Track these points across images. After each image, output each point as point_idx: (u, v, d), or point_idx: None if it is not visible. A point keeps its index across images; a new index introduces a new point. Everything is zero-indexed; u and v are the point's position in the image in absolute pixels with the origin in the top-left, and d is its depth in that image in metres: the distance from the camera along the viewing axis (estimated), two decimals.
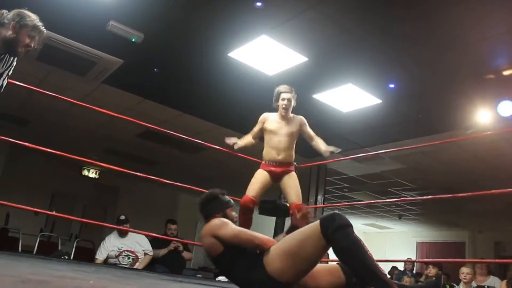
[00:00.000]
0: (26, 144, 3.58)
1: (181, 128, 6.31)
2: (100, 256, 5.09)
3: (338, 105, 5.71)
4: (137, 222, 5.58)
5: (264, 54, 4.68)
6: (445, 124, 5.73)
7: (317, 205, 8.86)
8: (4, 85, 2.82)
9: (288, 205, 3.87)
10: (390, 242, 14.65)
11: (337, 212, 2.13)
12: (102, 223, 5.01)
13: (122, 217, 5.33)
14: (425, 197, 8.83)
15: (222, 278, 5.01)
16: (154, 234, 5.00)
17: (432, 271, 6.08)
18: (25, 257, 3.25)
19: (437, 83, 4.93)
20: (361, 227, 14.78)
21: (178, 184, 4.58)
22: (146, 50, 4.80)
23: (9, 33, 2.65)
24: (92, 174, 10.66)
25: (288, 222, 4.17)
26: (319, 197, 8.99)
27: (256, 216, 3.95)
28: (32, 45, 2.73)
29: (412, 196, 10.00)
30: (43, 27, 2.74)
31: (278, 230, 5.40)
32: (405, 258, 12.90)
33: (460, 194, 3.77)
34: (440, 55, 4.37)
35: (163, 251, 5.41)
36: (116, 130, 7.51)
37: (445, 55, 4.36)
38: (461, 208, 9.98)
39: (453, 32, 3.99)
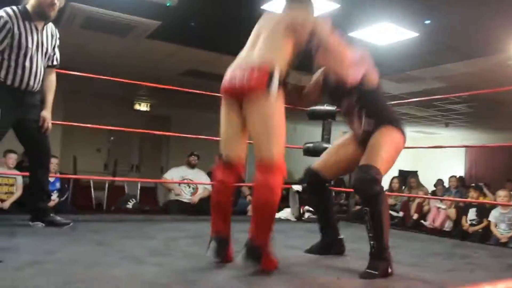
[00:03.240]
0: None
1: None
2: (168, 176, 5.98)
3: (374, 41, 5.70)
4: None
5: None
6: (486, 50, 5.64)
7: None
8: (58, 57, 3.09)
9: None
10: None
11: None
12: None
13: (196, 153, 6.09)
14: None
15: None
16: None
17: (474, 195, 5.88)
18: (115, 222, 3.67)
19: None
20: (408, 133, 14.81)
21: None
22: (182, 11, 4.94)
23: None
24: (143, 107, 11.14)
25: None
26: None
27: None
28: (56, 2, 2.82)
29: (458, 109, 9.95)
30: None
31: None
32: (454, 164, 13.08)
33: None
34: None
35: None
36: (162, 70, 7.83)
37: None
38: None
39: None
